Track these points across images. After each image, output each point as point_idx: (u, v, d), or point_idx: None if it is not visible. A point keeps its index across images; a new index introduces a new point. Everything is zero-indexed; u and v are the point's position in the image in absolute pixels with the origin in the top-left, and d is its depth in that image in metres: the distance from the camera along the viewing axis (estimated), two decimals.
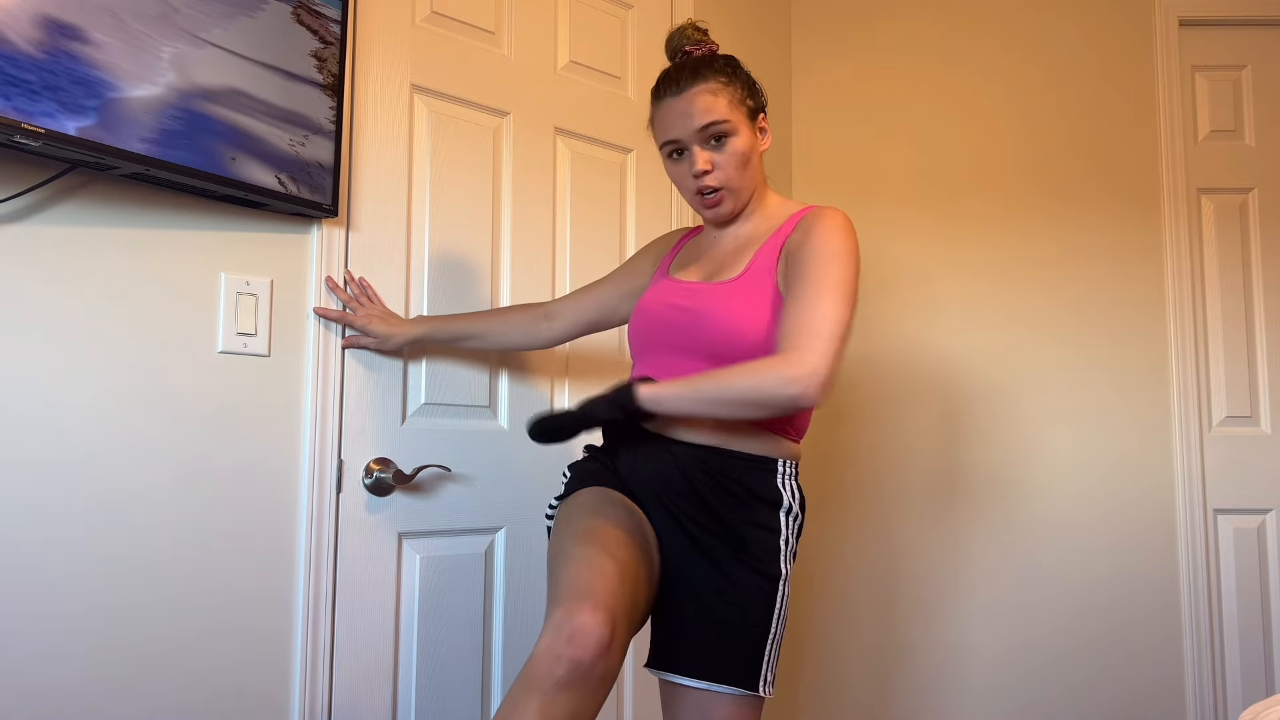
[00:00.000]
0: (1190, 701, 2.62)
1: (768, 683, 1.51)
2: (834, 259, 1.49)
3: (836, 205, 2.83)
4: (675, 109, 1.58)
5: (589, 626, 1.29)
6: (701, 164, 1.57)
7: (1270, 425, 2.71)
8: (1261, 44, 2.81)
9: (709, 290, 1.58)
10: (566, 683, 1.27)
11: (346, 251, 1.78)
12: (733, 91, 1.59)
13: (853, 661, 2.73)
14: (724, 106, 1.57)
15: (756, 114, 1.63)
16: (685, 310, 1.58)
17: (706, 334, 1.54)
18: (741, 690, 1.49)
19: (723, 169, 1.58)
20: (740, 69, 1.64)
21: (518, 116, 2.07)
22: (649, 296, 1.66)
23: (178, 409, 1.55)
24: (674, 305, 1.60)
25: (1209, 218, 2.78)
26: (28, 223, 1.40)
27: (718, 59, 1.62)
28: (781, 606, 1.54)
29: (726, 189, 1.60)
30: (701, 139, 1.58)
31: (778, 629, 1.53)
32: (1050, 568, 2.69)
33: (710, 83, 1.58)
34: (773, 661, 1.52)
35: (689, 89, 1.57)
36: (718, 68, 1.60)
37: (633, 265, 1.83)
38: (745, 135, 1.59)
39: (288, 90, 1.59)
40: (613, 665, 1.32)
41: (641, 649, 2.23)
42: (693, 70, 1.59)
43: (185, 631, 1.54)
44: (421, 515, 1.86)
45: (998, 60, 2.83)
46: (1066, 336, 2.74)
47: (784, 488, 1.57)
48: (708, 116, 1.56)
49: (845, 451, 2.78)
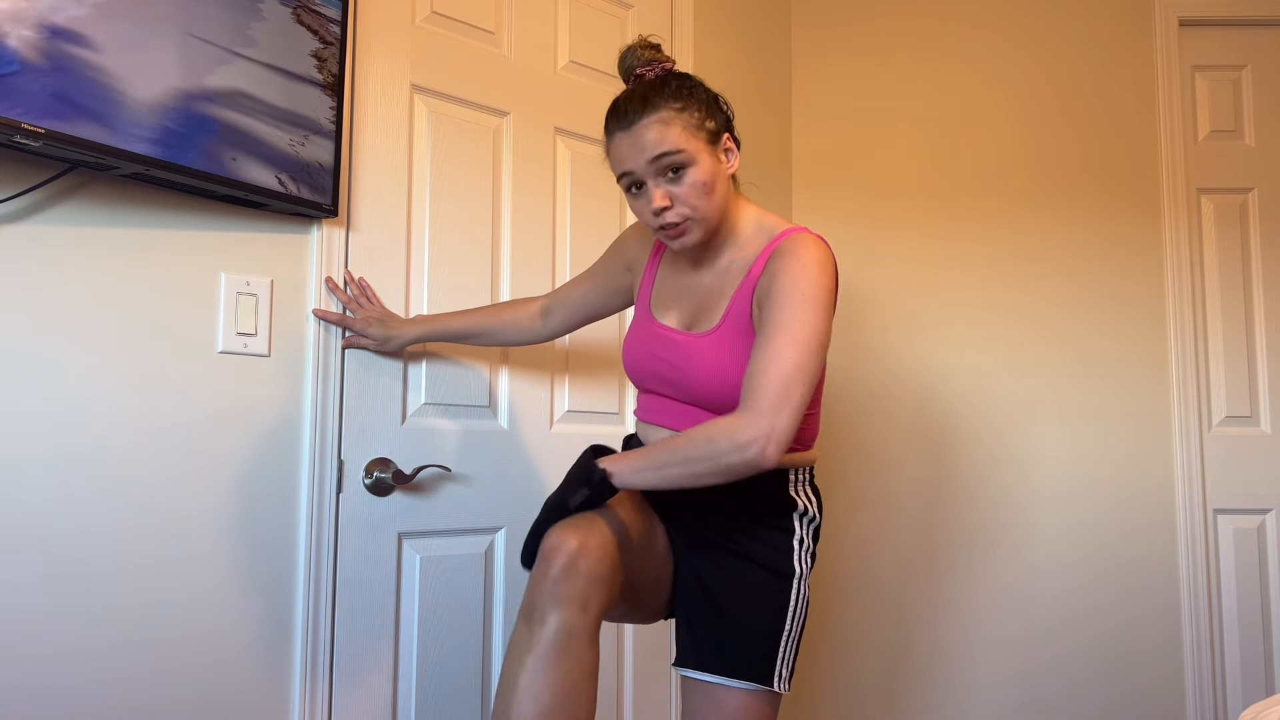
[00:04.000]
0: (1190, 701, 2.62)
1: (783, 679, 1.53)
2: (800, 305, 1.42)
3: (836, 205, 2.83)
4: (625, 143, 1.47)
5: (561, 539, 1.36)
6: (659, 201, 1.47)
7: (1270, 425, 2.71)
8: (1261, 44, 2.81)
9: (690, 343, 1.55)
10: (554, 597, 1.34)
11: (346, 251, 1.78)
12: (688, 117, 1.47)
13: (857, 658, 2.73)
14: (677, 135, 1.45)
15: (720, 135, 1.51)
16: (670, 364, 1.57)
17: (693, 387, 1.55)
18: (757, 685, 1.51)
19: (683, 201, 1.47)
20: (697, 88, 1.51)
21: (518, 116, 2.07)
22: (635, 338, 1.63)
23: (177, 409, 1.54)
24: (659, 357, 1.58)
25: (1209, 218, 2.78)
26: (28, 223, 1.40)
27: (670, 81, 1.49)
28: (798, 605, 1.55)
29: (690, 220, 1.49)
30: (656, 172, 1.46)
31: (793, 626, 1.55)
32: (1050, 567, 2.69)
33: (661, 111, 1.46)
34: (789, 658, 1.54)
35: (638, 121, 1.46)
36: (669, 92, 1.48)
37: (613, 263, 1.76)
38: (705, 163, 1.48)
39: (288, 90, 1.59)
40: (593, 569, 1.36)
41: (660, 647, 2.23)
42: (641, 99, 1.47)
43: (185, 631, 1.54)
44: (421, 515, 1.86)
45: (997, 60, 2.83)
46: (1066, 336, 2.74)
47: (797, 494, 1.59)
48: (659, 148, 1.45)
49: (844, 452, 2.78)
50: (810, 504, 1.60)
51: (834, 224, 2.83)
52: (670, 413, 1.59)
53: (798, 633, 1.55)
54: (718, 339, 1.52)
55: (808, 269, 1.45)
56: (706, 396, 1.53)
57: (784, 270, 1.45)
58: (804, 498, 1.59)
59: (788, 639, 1.54)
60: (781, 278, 1.45)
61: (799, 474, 1.59)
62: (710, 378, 1.51)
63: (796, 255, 1.46)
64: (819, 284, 1.44)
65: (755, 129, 2.70)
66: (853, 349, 2.80)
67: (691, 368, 1.53)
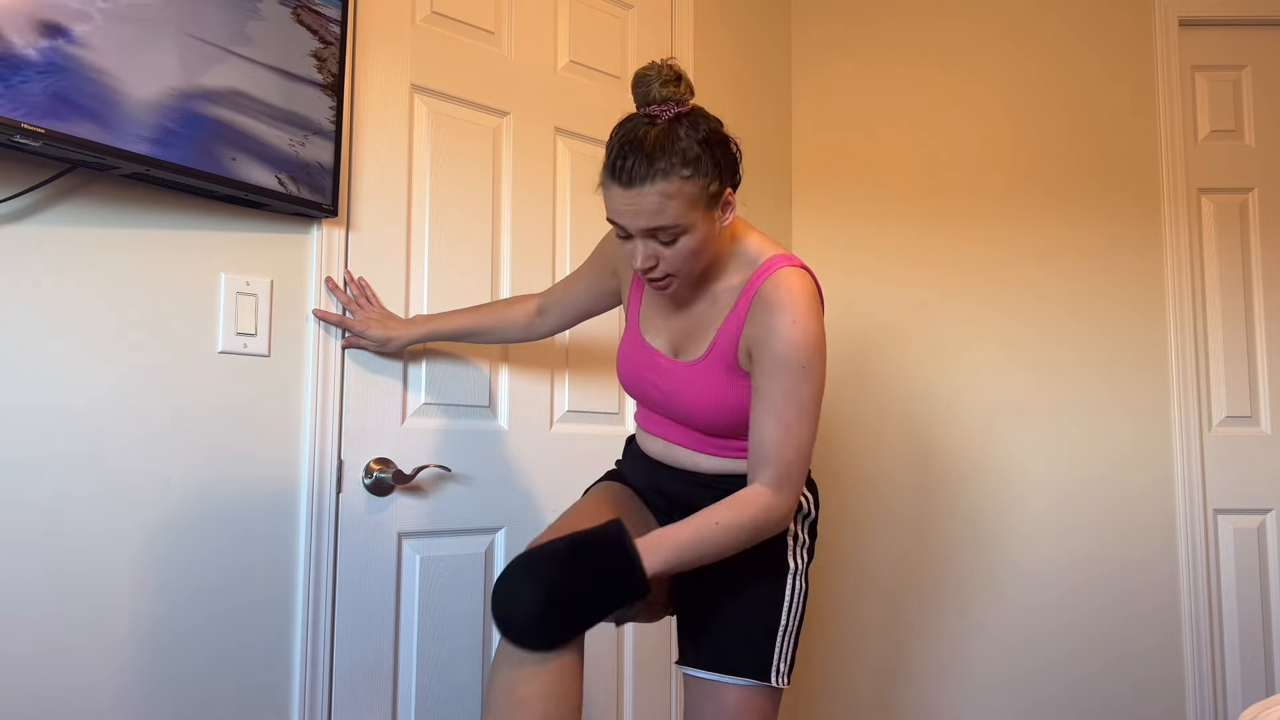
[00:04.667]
0: (1190, 701, 2.63)
1: (782, 673, 1.54)
2: (800, 378, 1.42)
3: (836, 206, 2.83)
4: (621, 199, 1.38)
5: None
6: (644, 261, 1.42)
7: (1270, 425, 2.71)
8: (1261, 44, 2.81)
9: (678, 371, 1.55)
10: None
11: (346, 251, 1.78)
12: (694, 188, 1.37)
13: (857, 659, 2.73)
14: (676, 210, 1.36)
15: (722, 193, 1.42)
16: (659, 388, 1.57)
17: (681, 413, 1.56)
18: (755, 680, 1.52)
19: (669, 262, 1.42)
20: (712, 149, 1.39)
21: (518, 116, 2.07)
22: (627, 353, 1.62)
23: (177, 409, 1.54)
24: (648, 380, 1.59)
25: (1209, 218, 2.78)
26: (28, 223, 1.40)
27: (682, 135, 1.37)
28: (794, 600, 1.56)
29: (674, 277, 1.44)
30: (648, 235, 1.40)
31: (790, 622, 1.56)
32: (1050, 567, 2.69)
33: (668, 182, 1.35)
34: (785, 653, 1.55)
35: (639, 186, 1.35)
36: (679, 152, 1.36)
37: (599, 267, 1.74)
38: (700, 230, 1.40)
39: (288, 90, 1.59)
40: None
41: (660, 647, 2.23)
42: (649, 161, 1.35)
43: (185, 631, 1.54)
44: (421, 515, 1.86)
45: (997, 60, 2.83)
46: (1067, 336, 2.74)
47: None
48: (656, 221, 1.37)
49: (846, 451, 2.78)
50: (805, 500, 1.60)
51: (834, 224, 2.83)
52: (668, 428, 1.61)
53: (795, 628, 1.56)
54: (704, 370, 1.52)
55: (799, 330, 1.42)
56: (695, 422, 1.55)
57: (775, 334, 1.43)
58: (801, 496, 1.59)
59: (784, 634, 1.54)
60: (775, 344, 1.43)
61: None
62: (697, 406, 1.53)
63: (784, 310, 1.43)
64: (812, 346, 1.43)
65: (755, 128, 2.70)
66: (854, 349, 2.79)
67: (679, 395, 1.54)
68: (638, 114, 1.42)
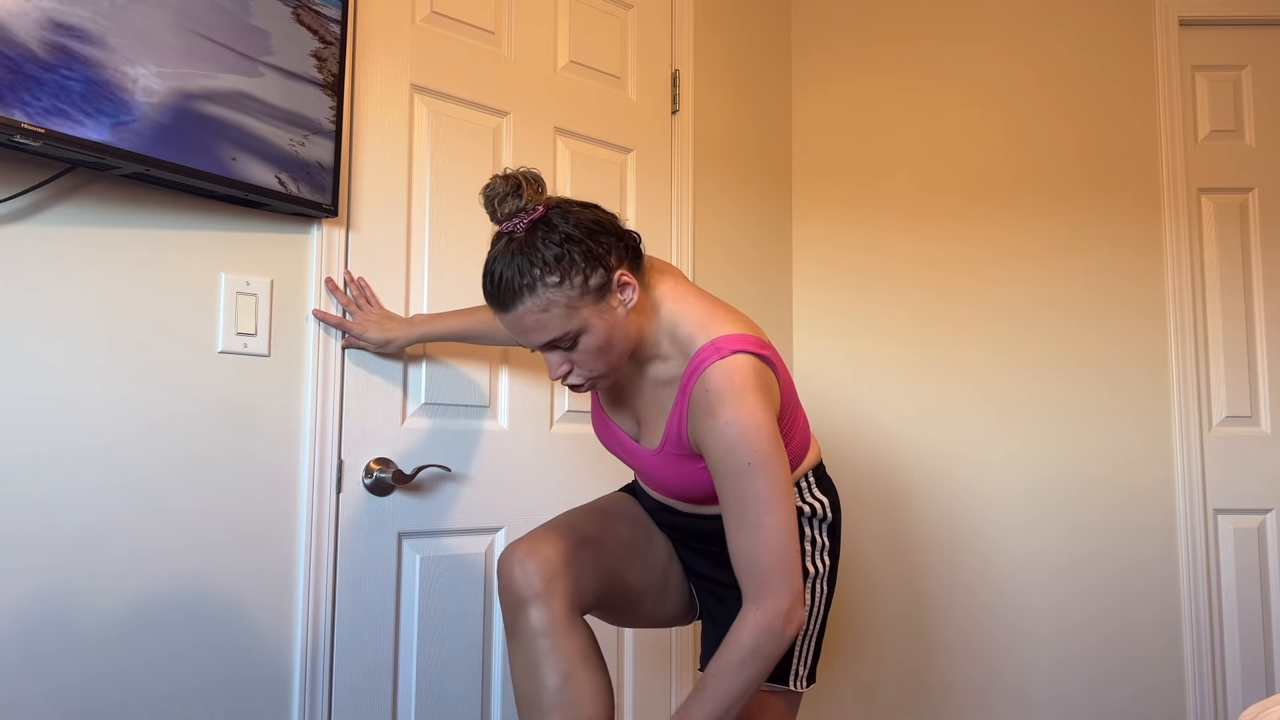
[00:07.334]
0: (1190, 702, 2.62)
1: (801, 678, 1.54)
2: (752, 475, 1.35)
3: (836, 207, 2.83)
4: (507, 323, 1.37)
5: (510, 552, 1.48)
6: (559, 369, 1.40)
7: (1270, 425, 2.71)
8: (1261, 44, 2.81)
9: (641, 454, 1.53)
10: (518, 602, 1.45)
11: (346, 251, 1.78)
12: (567, 291, 1.33)
13: (855, 659, 2.73)
14: (557, 320, 1.34)
15: (609, 284, 1.36)
16: (633, 465, 1.58)
17: (657, 488, 1.56)
18: (773, 685, 1.53)
19: (582, 364, 1.39)
20: (577, 244, 1.33)
21: (518, 116, 2.07)
22: (598, 423, 1.61)
23: (178, 409, 1.54)
24: (622, 457, 1.60)
25: (1209, 218, 2.78)
26: (28, 223, 1.40)
27: (539, 243, 1.33)
28: (812, 605, 1.57)
29: (595, 377, 1.41)
30: (548, 348, 1.38)
31: (809, 627, 1.56)
32: (1050, 567, 2.69)
33: (536, 296, 1.32)
34: (806, 657, 1.56)
35: (512, 310, 1.34)
36: (541, 262, 1.32)
37: None
38: (599, 326, 1.36)
39: (288, 90, 1.59)
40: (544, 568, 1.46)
41: (661, 647, 2.23)
42: (510, 286, 1.33)
43: (185, 631, 1.54)
44: (421, 515, 1.86)
45: (997, 60, 2.83)
46: (1066, 336, 2.74)
47: (803, 501, 1.59)
48: (542, 336, 1.35)
49: (845, 452, 2.78)
50: (819, 505, 1.60)
51: (834, 224, 2.83)
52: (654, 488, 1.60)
53: (815, 632, 1.56)
54: (665, 458, 1.49)
55: (735, 431, 1.35)
56: (673, 496, 1.55)
57: (712, 438, 1.36)
58: (808, 503, 1.59)
59: (804, 639, 1.55)
60: (715, 449, 1.36)
61: (802, 481, 1.60)
62: (670, 485, 1.52)
63: (715, 414, 1.36)
64: (752, 442, 1.35)
65: (755, 130, 2.70)
66: (855, 351, 2.79)
67: (652, 474, 1.54)
68: (498, 232, 1.38)
